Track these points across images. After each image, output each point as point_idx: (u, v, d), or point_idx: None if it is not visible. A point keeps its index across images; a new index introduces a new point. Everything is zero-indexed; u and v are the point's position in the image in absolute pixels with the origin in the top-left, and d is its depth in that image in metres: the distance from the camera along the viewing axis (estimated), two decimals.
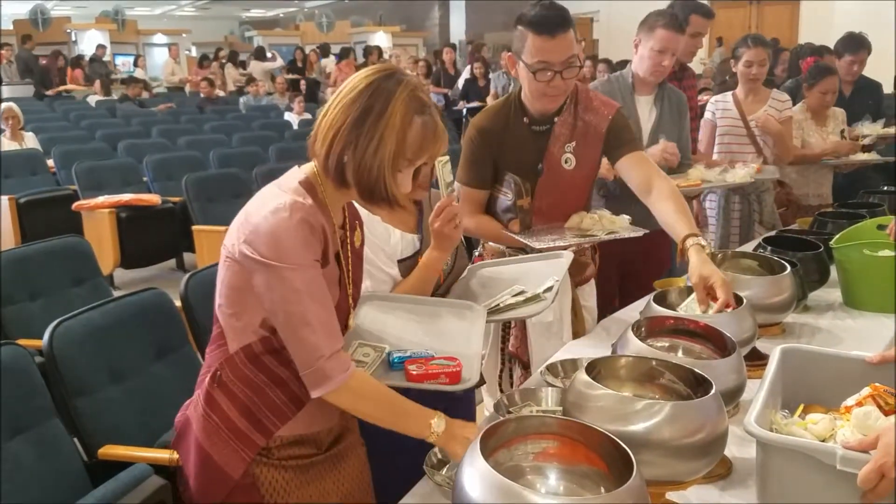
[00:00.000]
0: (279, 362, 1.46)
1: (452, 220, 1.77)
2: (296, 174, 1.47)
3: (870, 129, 4.31)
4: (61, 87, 13.00)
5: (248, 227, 1.38)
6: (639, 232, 2.23)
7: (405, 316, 1.77)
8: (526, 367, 2.33)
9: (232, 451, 1.46)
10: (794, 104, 3.82)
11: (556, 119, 2.28)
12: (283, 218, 1.35)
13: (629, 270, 2.96)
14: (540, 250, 2.13)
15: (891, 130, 4.40)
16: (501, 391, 2.37)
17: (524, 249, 2.27)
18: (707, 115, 3.74)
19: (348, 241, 1.56)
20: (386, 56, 13.91)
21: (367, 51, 14.29)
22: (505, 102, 2.34)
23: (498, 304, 1.85)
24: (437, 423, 1.43)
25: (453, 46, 12.73)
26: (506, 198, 2.28)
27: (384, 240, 1.88)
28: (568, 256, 2.04)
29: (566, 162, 2.30)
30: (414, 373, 1.49)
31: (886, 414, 1.27)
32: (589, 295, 2.52)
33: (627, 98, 2.98)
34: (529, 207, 2.28)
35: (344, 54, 13.87)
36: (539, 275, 1.96)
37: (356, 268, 1.61)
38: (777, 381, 1.42)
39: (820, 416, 1.34)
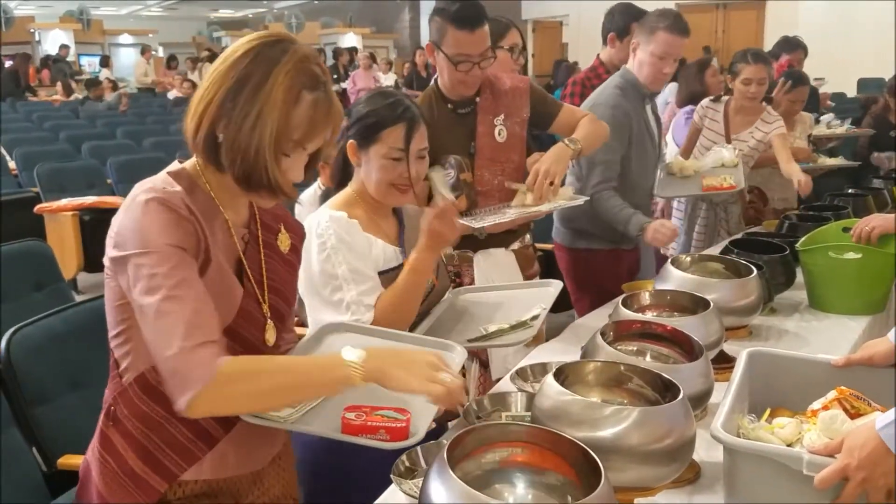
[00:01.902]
0: None
1: (452, 219, 1.77)
2: (171, 166, 1.30)
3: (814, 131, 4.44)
4: (45, 98, 12.71)
5: (111, 232, 1.21)
6: (579, 200, 2.34)
7: None
8: (485, 366, 2.33)
9: (131, 499, 1.26)
10: None
11: (476, 99, 2.39)
12: (135, 204, 1.19)
13: (587, 286, 2.95)
14: (482, 230, 2.20)
15: (835, 132, 4.51)
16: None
17: (471, 237, 2.30)
18: (695, 117, 3.62)
19: (261, 242, 1.37)
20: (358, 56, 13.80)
21: (337, 52, 14.21)
22: (426, 95, 2.41)
23: (484, 330, 1.83)
24: (348, 353, 1.18)
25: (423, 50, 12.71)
26: (449, 178, 2.32)
27: (365, 249, 1.79)
28: (557, 285, 2.08)
29: (499, 134, 2.40)
30: (352, 423, 1.23)
31: (852, 417, 1.28)
32: None
33: (641, 109, 2.82)
34: (472, 182, 2.35)
35: None
36: (523, 302, 1.97)
37: (281, 275, 1.39)
38: (744, 385, 1.43)
39: (786, 420, 1.35)
